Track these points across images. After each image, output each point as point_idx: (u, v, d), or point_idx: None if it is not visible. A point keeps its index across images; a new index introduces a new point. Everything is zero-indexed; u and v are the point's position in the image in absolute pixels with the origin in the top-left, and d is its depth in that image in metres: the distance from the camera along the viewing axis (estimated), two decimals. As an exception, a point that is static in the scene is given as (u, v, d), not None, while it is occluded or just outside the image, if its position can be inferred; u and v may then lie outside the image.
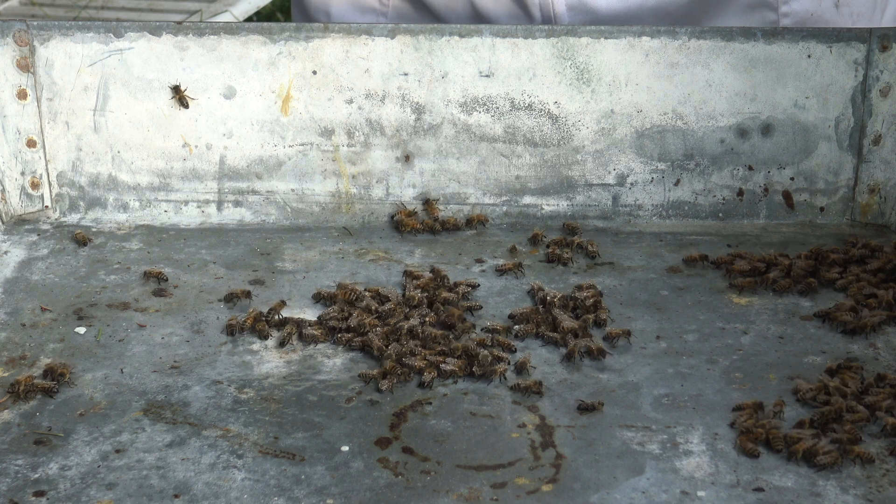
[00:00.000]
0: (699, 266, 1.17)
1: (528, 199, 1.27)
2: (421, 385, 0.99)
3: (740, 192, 1.26)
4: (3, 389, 0.98)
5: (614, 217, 1.26)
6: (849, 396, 0.97)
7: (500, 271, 1.16)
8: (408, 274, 1.14)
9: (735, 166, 1.25)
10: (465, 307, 1.09)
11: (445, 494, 0.87)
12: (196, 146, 1.25)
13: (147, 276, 1.14)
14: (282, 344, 1.05)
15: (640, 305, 1.11)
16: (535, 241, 1.22)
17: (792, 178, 1.26)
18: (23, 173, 1.25)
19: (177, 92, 1.17)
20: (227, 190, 1.26)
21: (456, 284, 1.12)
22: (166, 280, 1.14)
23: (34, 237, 1.22)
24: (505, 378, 1.00)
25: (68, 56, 1.22)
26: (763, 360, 1.03)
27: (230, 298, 1.10)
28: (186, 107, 1.12)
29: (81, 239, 1.19)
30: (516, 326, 1.07)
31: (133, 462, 0.90)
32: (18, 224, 1.24)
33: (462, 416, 0.96)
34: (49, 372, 0.99)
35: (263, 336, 1.05)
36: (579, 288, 1.12)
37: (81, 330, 1.07)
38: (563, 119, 1.25)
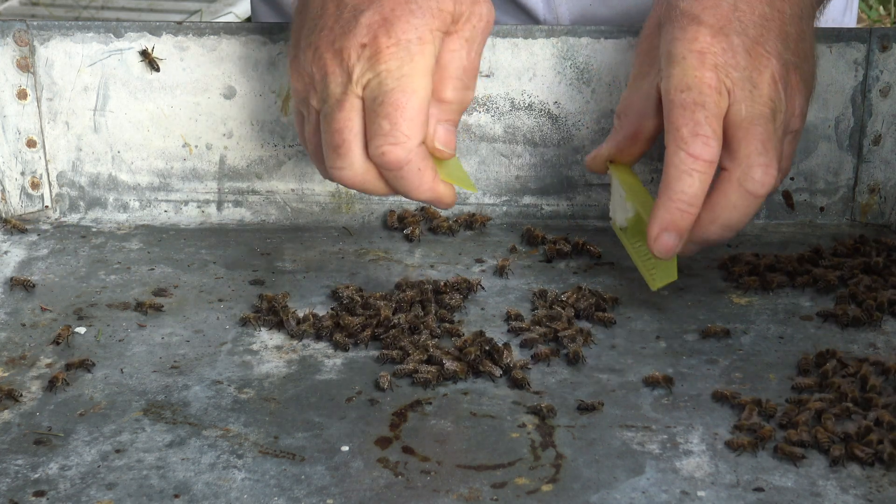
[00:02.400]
0: (700, 266, 1.18)
1: (528, 199, 1.27)
2: (424, 385, 0.99)
3: (740, 192, 1.26)
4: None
5: (614, 217, 1.26)
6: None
7: (498, 270, 1.16)
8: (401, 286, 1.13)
9: (735, 166, 1.25)
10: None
11: (445, 494, 0.87)
12: (196, 146, 1.25)
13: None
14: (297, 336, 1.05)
15: (640, 305, 1.11)
16: (530, 239, 1.22)
17: (792, 178, 1.26)
18: (23, 173, 1.25)
19: (145, 56, 1.17)
20: (227, 190, 1.26)
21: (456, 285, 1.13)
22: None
23: (34, 237, 1.22)
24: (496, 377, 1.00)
25: (68, 56, 1.22)
26: (763, 360, 1.03)
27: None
28: (157, 70, 1.12)
29: (18, 227, 1.17)
30: (513, 323, 1.07)
31: (133, 462, 0.90)
32: (17, 226, 1.24)
33: (462, 416, 0.96)
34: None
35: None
36: (578, 292, 1.11)
37: (81, 330, 1.07)
38: (563, 119, 1.25)
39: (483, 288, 1.12)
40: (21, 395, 0.97)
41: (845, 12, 1.45)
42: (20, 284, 1.13)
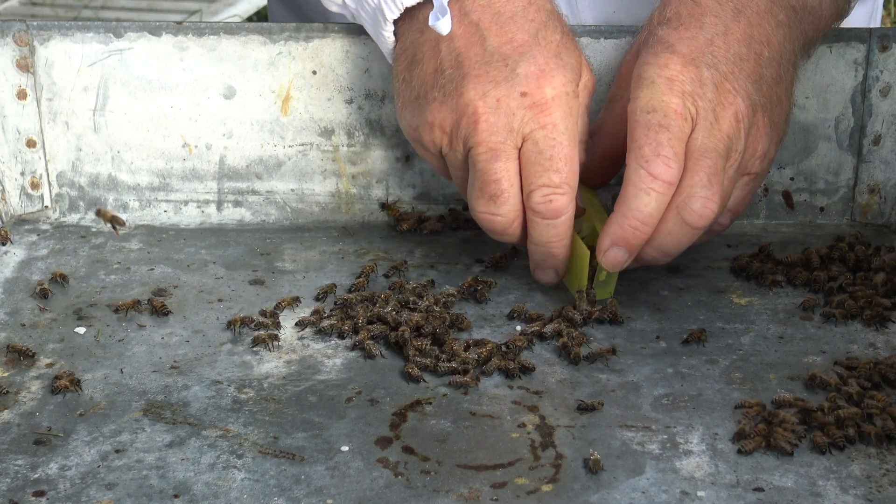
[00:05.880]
0: (700, 266, 1.18)
1: (528, 199, 1.26)
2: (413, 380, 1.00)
3: (740, 192, 1.26)
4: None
5: (614, 217, 1.26)
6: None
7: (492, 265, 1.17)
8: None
9: (735, 166, 1.25)
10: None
11: (445, 494, 0.87)
12: (196, 146, 1.25)
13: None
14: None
15: (640, 305, 1.11)
16: None
17: (792, 178, 1.26)
18: (23, 173, 1.25)
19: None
20: (226, 190, 1.26)
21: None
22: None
23: (34, 237, 1.22)
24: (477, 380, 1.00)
25: (68, 56, 1.22)
26: (763, 360, 1.03)
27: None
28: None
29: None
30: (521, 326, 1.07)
31: (133, 462, 0.90)
32: (18, 224, 1.24)
33: (462, 416, 0.96)
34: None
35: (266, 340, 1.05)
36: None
37: (81, 330, 1.07)
38: (563, 119, 1.24)
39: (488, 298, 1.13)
40: (7, 391, 0.97)
41: (870, 21, 1.46)
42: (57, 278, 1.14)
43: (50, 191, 1.26)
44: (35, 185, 1.25)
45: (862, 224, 1.26)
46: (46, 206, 1.26)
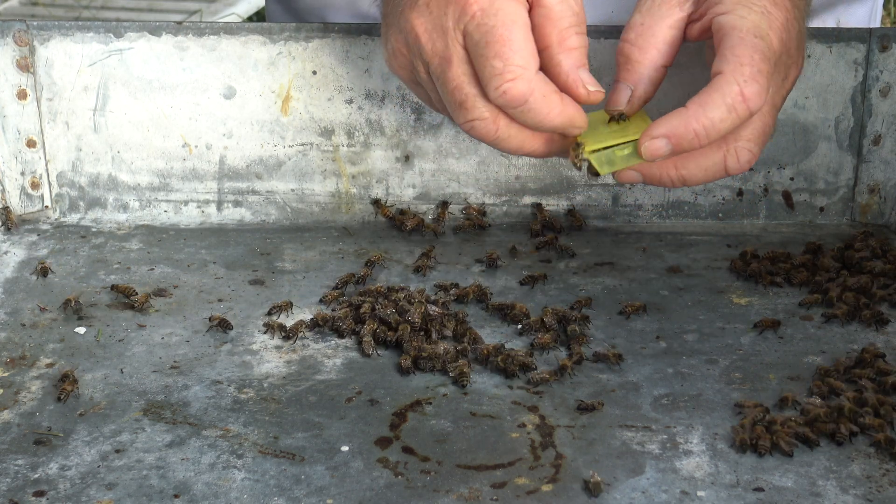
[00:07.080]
0: (700, 266, 1.18)
1: (528, 199, 1.26)
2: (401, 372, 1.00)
3: (740, 192, 1.26)
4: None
5: (614, 217, 1.26)
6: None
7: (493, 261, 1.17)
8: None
9: (735, 166, 1.25)
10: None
11: (445, 494, 0.87)
12: (196, 146, 1.25)
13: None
14: (287, 338, 1.05)
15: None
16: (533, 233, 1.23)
17: (792, 178, 1.26)
18: (23, 173, 1.25)
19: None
20: (226, 190, 1.26)
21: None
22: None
23: (34, 237, 1.22)
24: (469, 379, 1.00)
25: (68, 56, 1.22)
26: (763, 360, 1.03)
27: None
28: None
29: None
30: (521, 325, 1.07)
31: (133, 462, 0.90)
32: (18, 224, 1.24)
33: (462, 416, 0.96)
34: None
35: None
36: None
37: (81, 330, 1.07)
38: (563, 119, 1.24)
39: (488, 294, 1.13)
40: None
41: (870, 21, 1.46)
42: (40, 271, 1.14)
43: (50, 191, 1.26)
44: (35, 185, 1.25)
45: (862, 224, 1.26)
46: (46, 206, 1.26)
